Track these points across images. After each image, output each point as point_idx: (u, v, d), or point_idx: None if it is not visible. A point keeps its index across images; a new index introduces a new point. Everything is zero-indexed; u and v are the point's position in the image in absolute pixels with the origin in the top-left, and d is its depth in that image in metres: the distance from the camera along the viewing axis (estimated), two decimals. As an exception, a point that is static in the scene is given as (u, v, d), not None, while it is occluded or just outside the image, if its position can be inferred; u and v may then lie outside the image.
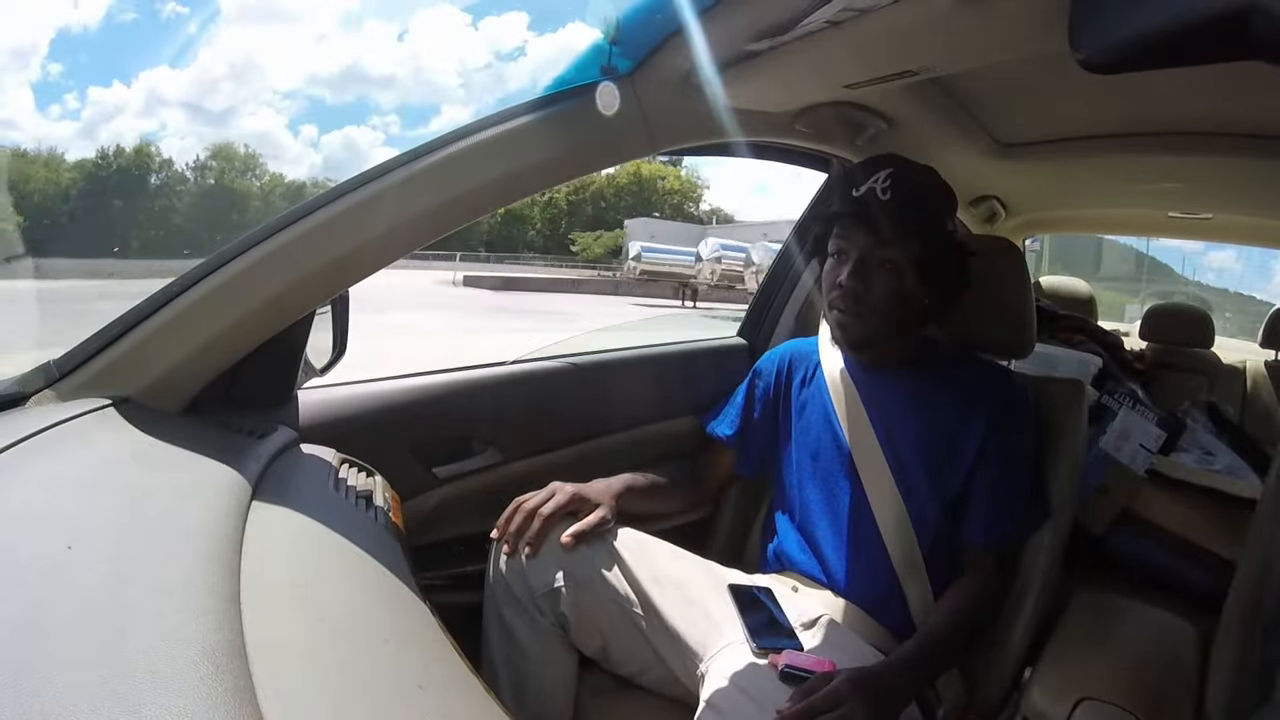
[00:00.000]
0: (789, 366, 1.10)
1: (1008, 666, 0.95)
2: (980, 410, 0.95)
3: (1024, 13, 0.65)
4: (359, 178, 0.74)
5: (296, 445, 0.78)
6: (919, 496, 0.95)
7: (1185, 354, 2.08)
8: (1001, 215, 1.78)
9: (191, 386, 0.75)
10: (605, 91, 0.75)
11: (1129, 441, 1.33)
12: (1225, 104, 1.03)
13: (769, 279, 1.48)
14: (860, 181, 0.93)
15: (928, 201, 0.96)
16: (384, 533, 0.67)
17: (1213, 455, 1.34)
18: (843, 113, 1.04)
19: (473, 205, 0.79)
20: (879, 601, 0.94)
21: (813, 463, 1.03)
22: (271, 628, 0.42)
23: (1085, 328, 1.74)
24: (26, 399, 0.69)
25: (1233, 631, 0.77)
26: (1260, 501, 0.84)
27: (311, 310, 0.84)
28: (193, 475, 0.58)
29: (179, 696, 0.32)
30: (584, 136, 0.79)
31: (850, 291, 0.93)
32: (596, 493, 0.93)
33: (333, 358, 0.96)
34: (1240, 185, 1.47)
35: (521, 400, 1.13)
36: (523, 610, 0.88)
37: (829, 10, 0.65)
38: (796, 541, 1.02)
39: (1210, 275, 14.31)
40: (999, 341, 1.07)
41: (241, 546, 0.49)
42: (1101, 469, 1.31)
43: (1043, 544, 0.97)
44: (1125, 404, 1.38)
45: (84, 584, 0.39)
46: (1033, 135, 1.30)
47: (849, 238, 0.94)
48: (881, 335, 0.96)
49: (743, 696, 0.76)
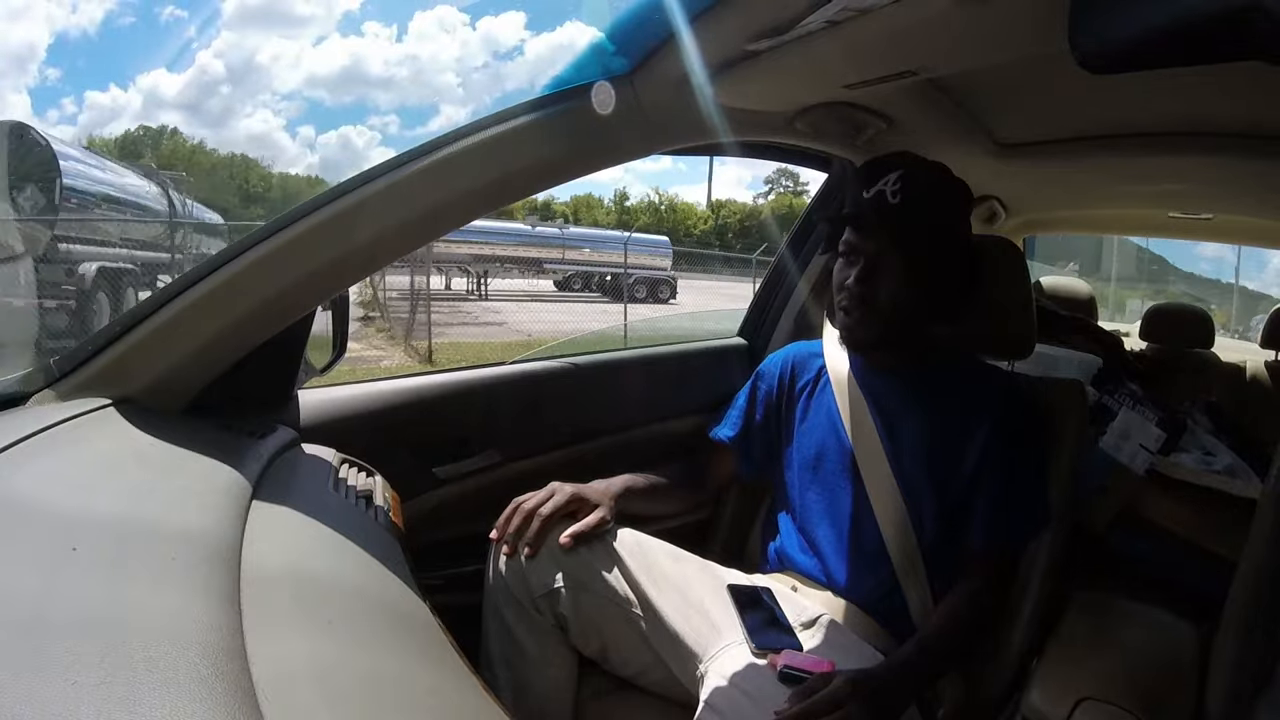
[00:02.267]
0: (792, 369, 1.10)
1: (1008, 667, 0.95)
2: (984, 416, 0.95)
3: (1024, 13, 0.65)
4: (359, 177, 0.74)
5: (296, 445, 0.78)
6: (920, 499, 0.95)
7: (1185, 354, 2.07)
8: (1001, 215, 1.77)
9: (192, 387, 0.75)
10: (601, 90, 0.75)
11: (1129, 441, 1.33)
12: (1225, 104, 1.03)
13: (769, 279, 1.48)
14: (871, 183, 0.93)
15: (938, 203, 0.96)
16: (384, 533, 0.67)
17: (1213, 455, 1.34)
18: (842, 113, 1.04)
19: (471, 205, 0.79)
20: (878, 602, 0.94)
21: (815, 463, 1.03)
22: (271, 628, 0.42)
23: (1085, 328, 1.74)
24: (27, 398, 0.69)
25: (1233, 631, 0.77)
26: (1260, 501, 0.84)
27: (312, 310, 0.84)
28: (193, 475, 0.58)
29: (179, 697, 0.32)
30: (584, 136, 0.79)
31: (858, 295, 0.93)
32: (596, 493, 0.93)
33: (333, 358, 0.96)
34: (1240, 185, 1.47)
35: (521, 401, 1.13)
36: (522, 611, 0.87)
37: (828, 10, 0.65)
38: (797, 541, 1.02)
39: (1205, 265, 14.26)
40: (1000, 342, 1.07)
41: (241, 546, 0.49)
42: (1101, 469, 1.30)
43: (1043, 545, 0.97)
44: (1125, 404, 1.37)
45: (84, 584, 0.39)
46: (1032, 135, 1.30)
47: (858, 240, 0.94)
48: (888, 337, 0.96)
49: (742, 697, 0.76)
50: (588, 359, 1.26)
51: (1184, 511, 1.27)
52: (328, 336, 0.95)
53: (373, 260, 0.79)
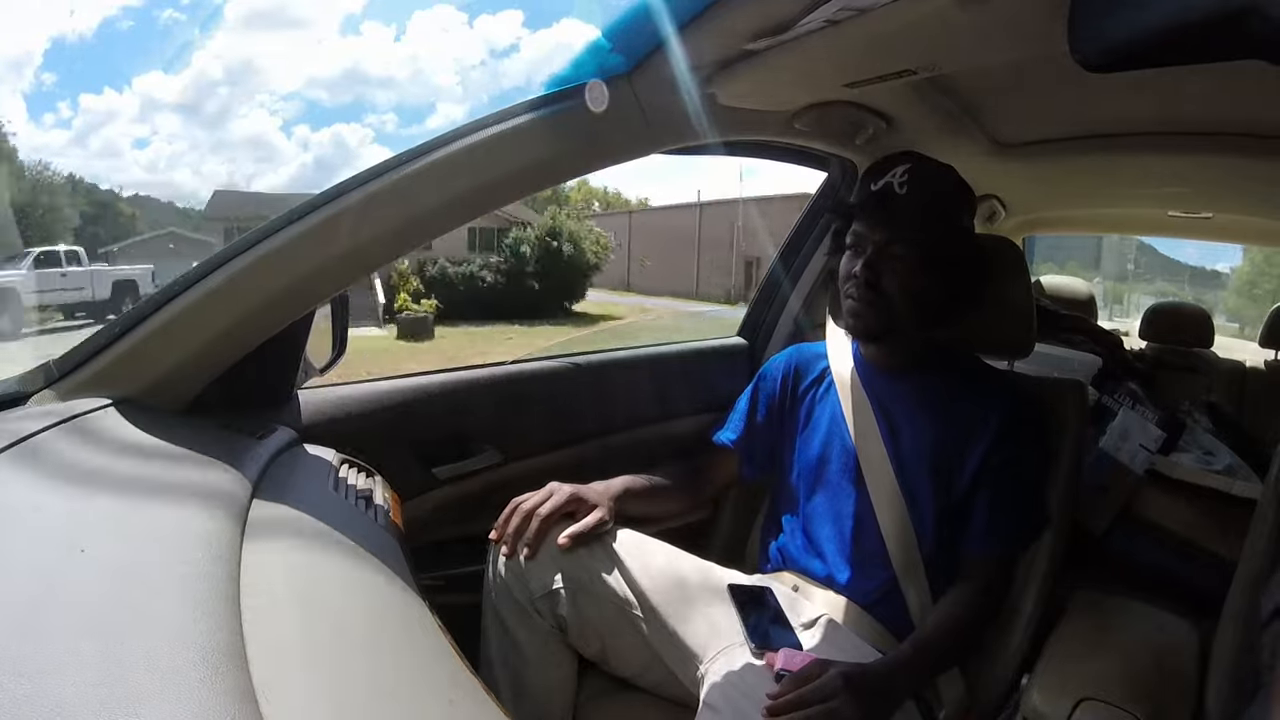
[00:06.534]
0: (795, 371, 1.10)
1: (1008, 666, 0.95)
2: (986, 419, 0.95)
3: (1023, 13, 0.65)
4: (359, 176, 0.74)
5: (296, 445, 0.78)
6: (921, 500, 0.95)
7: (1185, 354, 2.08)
8: (1001, 215, 1.78)
9: (192, 386, 0.75)
10: (594, 89, 0.74)
11: (1129, 441, 1.33)
12: (1224, 103, 1.03)
13: (769, 280, 1.48)
14: (878, 176, 0.94)
15: (944, 196, 0.96)
16: (384, 533, 0.67)
17: (1213, 455, 1.34)
18: (842, 112, 1.04)
19: (472, 204, 0.79)
20: (878, 602, 0.94)
21: (818, 463, 1.02)
22: (271, 628, 0.42)
23: (1085, 328, 1.74)
24: (27, 398, 0.69)
25: (1232, 631, 0.77)
26: (1260, 501, 0.84)
27: (311, 310, 0.84)
28: (193, 475, 0.58)
29: (179, 697, 0.32)
30: (584, 136, 0.79)
31: (864, 281, 0.93)
32: (595, 494, 0.93)
33: (332, 357, 0.96)
34: (1240, 185, 1.47)
35: (521, 401, 1.13)
36: (522, 612, 0.87)
37: (828, 9, 0.65)
38: (799, 541, 1.02)
39: (1190, 250, 14.28)
40: (1000, 341, 1.07)
41: (241, 546, 0.49)
42: (1101, 469, 1.31)
43: (1042, 545, 0.97)
44: (1125, 404, 1.37)
45: (84, 584, 0.39)
46: (1032, 135, 1.30)
47: (865, 230, 0.94)
48: (894, 328, 0.95)
49: (742, 698, 0.76)
50: (587, 359, 1.26)
51: (1184, 511, 1.27)
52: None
53: (372, 259, 0.79)
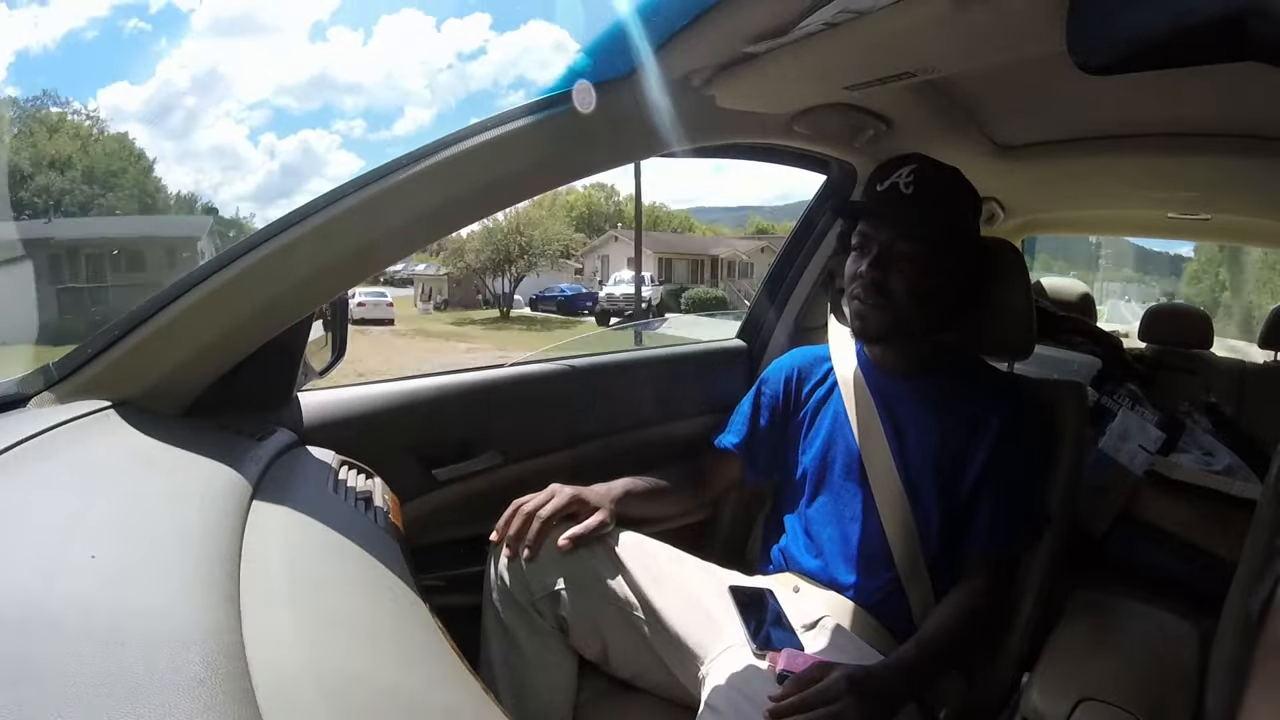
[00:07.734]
0: (798, 374, 1.10)
1: (1008, 667, 0.95)
2: (990, 423, 0.95)
3: (1023, 14, 0.66)
4: (358, 180, 0.74)
5: (296, 447, 0.78)
6: (925, 500, 0.95)
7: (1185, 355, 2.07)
8: (1000, 216, 1.78)
9: (191, 389, 0.75)
10: (581, 91, 0.74)
11: (1128, 442, 1.33)
12: (1223, 105, 1.04)
13: (769, 282, 1.48)
14: (885, 176, 0.94)
15: (950, 196, 0.96)
16: (383, 534, 0.67)
17: (1212, 456, 1.34)
18: (841, 114, 1.04)
19: (473, 206, 0.79)
20: (880, 603, 0.94)
21: (822, 465, 1.03)
22: (271, 629, 0.42)
23: (1085, 329, 1.74)
24: (27, 400, 0.69)
25: (1232, 631, 0.77)
26: (1260, 502, 0.84)
27: (310, 313, 0.84)
28: (193, 477, 0.58)
29: (178, 697, 0.32)
30: (583, 139, 0.79)
31: (871, 281, 0.93)
32: (596, 496, 0.93)
33: (332, 360, 0.96)
34: (1238, 186, 1.47)
35: (520, 402, 1.13)
36: (522, 613, 0.87)
37: (827, 12, 0.65)
38: (800, 541, 1.02)
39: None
40: (1000, 343, 1.07)
41: (241, 548, 0.49)
42: (1101, 470, 1.31)
43: (1043, 546, 0.97)
44: (1124, 405, 1.38)
45: (84, 585, 0.39)
46: (1031, 137, 1.30)
47: (871, 230, 0.94)
48: (900, 328, 0.95)
49: (744, 699, 0.76)
50: (587, 360, 1.26)
51: (1183, 512, 1.27)
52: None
53: (372, 263, 0.79)
